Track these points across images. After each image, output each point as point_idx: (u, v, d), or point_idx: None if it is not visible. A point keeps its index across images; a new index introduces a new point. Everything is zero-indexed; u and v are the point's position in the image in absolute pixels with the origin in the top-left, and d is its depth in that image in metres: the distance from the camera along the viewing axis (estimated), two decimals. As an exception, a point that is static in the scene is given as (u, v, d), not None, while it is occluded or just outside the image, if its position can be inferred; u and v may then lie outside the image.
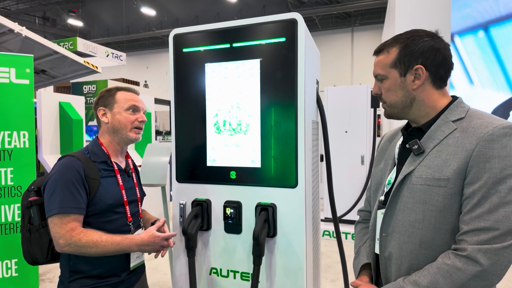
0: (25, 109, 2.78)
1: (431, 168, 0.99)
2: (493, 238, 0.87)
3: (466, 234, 0.91)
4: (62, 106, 3.91)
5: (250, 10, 15.44)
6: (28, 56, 2.84)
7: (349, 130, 4.65)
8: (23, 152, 2.77)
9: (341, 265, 1.86)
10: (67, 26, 18.25)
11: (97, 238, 1.24)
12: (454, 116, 1.02)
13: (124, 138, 1.41)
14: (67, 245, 1.22)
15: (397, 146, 1.17)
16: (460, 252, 0.91)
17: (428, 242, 0.99)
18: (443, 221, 0.97)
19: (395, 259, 1.06)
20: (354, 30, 16.31)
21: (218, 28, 1.49)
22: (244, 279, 1.48)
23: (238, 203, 1.48)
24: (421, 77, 1.04)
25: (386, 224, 1.09)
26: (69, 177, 1.25)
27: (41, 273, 3.48)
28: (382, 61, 1.09)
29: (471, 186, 0.92)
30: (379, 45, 1.13)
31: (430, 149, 1.01)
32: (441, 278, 0.91)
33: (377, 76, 1.11)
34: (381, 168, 1.22)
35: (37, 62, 4.44)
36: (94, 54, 8.02)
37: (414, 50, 1.03)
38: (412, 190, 1.02)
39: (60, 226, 1.22)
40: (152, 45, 19.93)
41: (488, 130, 0.93)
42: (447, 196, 0.95)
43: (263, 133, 1.43)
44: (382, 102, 1.14)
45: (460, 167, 0.94)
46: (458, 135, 0.98)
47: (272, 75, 1.41)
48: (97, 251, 1.24)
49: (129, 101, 1.41)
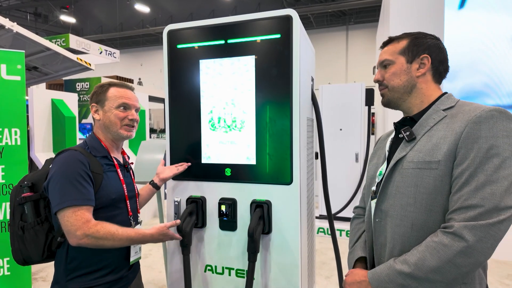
0: (16, 106, 2.74)
1: (422, 152, 1.03)
2: (479, 215, 0.89)
3: (454, 212, 0.94)
4: (55, 103, 3.86)
5: (245, 8, 15.39)
6: (19, 52, 2.79)
7: (343, 128, 4.67)
8: (15, 150, 2.73)
9: (335, 262, 1.87)
10: (60, 22, 18.02)
11: (114, 230, 1.23)
12: (445, 106, 1.08)
13: (116, 135, 1.39)
14: (85, 236, 1.19)
15: (389, 140, 1.22)
16: (448, 229, 0.93)
17: (419, 224, 1.02)
18: (434, 203, 0.99)
19: (388, 243, 1.09)
20: (348, 28, 16.36)
21: (212, 24, 1.48)
22: (239, 276, 1.48)
23: (233, 200, 1.48)
24: (425, 66, 1.11)
25: (378, 210, 1.12)
26: (76, 169, 1.23)
27: (34, 272, 3.44)
28: (391, 49, 1.15)
29: (460, 166, 0.95)
30: (390, 37, 1.19)
31: (421, 135, 1.06)
32: (428, 255, 0.94)
33: (384, 61, 1.15)
34: (374, 163, 1.26)
35: (28, 58, 4.38)
36: (87, 51, 7.93)
37: (423, 43, 1.12)
38: (404, 175, 1.05)
39: (76, 218, 1.19)
40: (146, 42, 19.78)
41: (476, 113, 0.97)
42: (438, 178, 0.98)
43: (258, 130, 1.43)
44: (383, 87, 1.17)
45: (450, 149, 0.97)
46: (448, 121, 1.03)
47: (267, 72, 1.41)
48: (113, 243, 1.23)
49: (119, 99, 1.38)
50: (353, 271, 1.15)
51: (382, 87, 1.17)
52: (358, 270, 1.14)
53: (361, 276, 1.09)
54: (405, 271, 0.96)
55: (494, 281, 3.30)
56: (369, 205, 1.20)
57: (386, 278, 0.99)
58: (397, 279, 0.97)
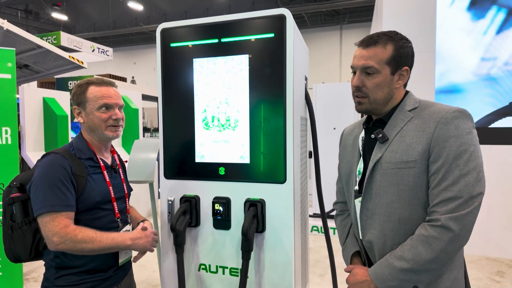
0: (7, 105, 2.71)
1: (398, 152, 1.11)
2: (460, 205, 1.00)
3: (437, 206, 1.03)
4: (46, 101, 3.81)
5: (239, 7, 15.35)
6: (9, 49, 2.75)
7: (337, 127, 4.69)
8: (6, 149, 2.70)
9: (329, 260, 1.88)
10: (51, 20, 17.77)
11: (93, 234, 1.22)
12: (409, 106, 1.16)
13: (102, 136, 1.36)
14: (62, 242, 1.18)
15: (360, 139, 1.26)
16: (434, 223, 1.03)
17: (406, 218, 1.10)
18: (415, 198, 1.09)
19: (378, 238, 1.14)
20: (342, 27, 16.43)
21: (206, 23, 1.47)
22: (233, 275, 1.49)
23: (227, 199, 1.48)
24: (404, 78, 1.16)
25: (365, 209, 1.18)
26: (56, 174, 1.22)
27: (26, 272, 3.41)
28: (379, 55, 1.11)
29: (435, 163, 1.05)
30: (372, 36, 1.14)
31: (393, 136, 1.13)
32: (422, 249, 1.03)
33: (369, 68, 1.11)
34: (348, 160, 1.31)
35: (19, 56, 4.31)
36: (78, 49, 7.84)
37: (406, 52, 1.14)
38: (384, 175, 1.12)
39: (53, 224, 1.19)
40: (139, 40, 19.62)
41: (443, 114, 1.07)
42: (416, 175, 1.08)
43: (252, 128, 1.43)
44: (362, 95, 1.15)
45: (424, 148, 1.07)
46: (416, 122, 1.11)
47: (261, 71, 1.41)
48: (93, 247, 1.22)
49: (100, 99, 1.33)
50: (353, 271, 1.19)
51: (361, 94, 1.15)
52: (358, 269, 1.18)
53: (362, 275, 1.14)
54: (405, 267, 1.04)
55: (485, 277, 3.35)
56: (352, 203, 1.25)
57: (389, 277, 1.07)
58: (399, 275, 1.05)
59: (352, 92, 1.19)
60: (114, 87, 1.41)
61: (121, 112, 1.40)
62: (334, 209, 1.47)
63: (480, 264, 3.66)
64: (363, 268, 1.18)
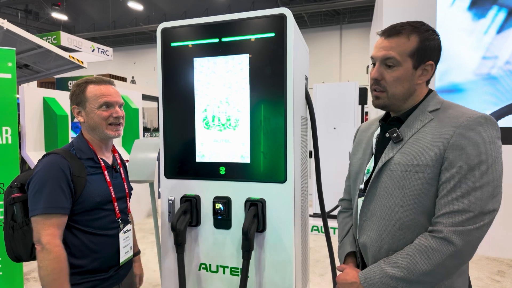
0: (7, 104, 2.71)
1: (410, 155, 1.03)
2: (467, 220, 0.92)
3: (442, 217, 0.96)
4: (47, 101, 3.81)
5: (239, 6, 15.35)
6: (10, 49, 2.75)
7: (337, 127, 4.69)
8: (6, 149, 2.69)
9: (329, 260, 1.88)
10: (51, 20, 17.77)
11: (57, 266, 1.16)
12: (431, 107, 1.06)
13: (103, 135, 1.36)
14: (43, 249, 1.17)
15: (375, 136, 1.19)
16: (436, 234, 0.96)
17: (406, 225, 1.04)
18: (420, 205, 1.01)
19: (374, 242, 1.10)
20: (342, 27, 16.43)
21: (207, 22, 1.47)
22: (234, 274, 1.49)
23: (227, 199, 1.48)
24: (428, 73, 1.06)
25: (366, 209, 1.13)
26: (53, 176, 1.21)
27: (26, 272, 3.41)
28: (402, 45, 1.02)
29: (448, 171, 0.96)
30: (395, 26, 1.05)
31: (408, 137, 1.05)
32: (419, 259, 0.96)
33: (389, 59, 1.03)
34: (359, 158, 1.25)
35: (19, 56, 4.31)
36: (78, 48, 7.85)
37: (431, 45, 1.03)
38: (392, 176, 1.05)
39: (43, 227, 1.18)
40: (139, 40, 19.63)
41: (464, 119, 0.98)
42: (425, 181, 1.00)
43: (253, 128, 1.43)
44: (380, 89, 1.07)
45: (438, 154, 0.98)
46: (434, 125, 1.02)
47: (261, 70, 1.41)
48: (46, 274, 1.16)
49: (100, 98, 1.33)
50: (345, 271, 1.16)
51: (379, 88, 1.08)
52: (349, 269, 1.15)
53: (352, 277, 1.10)
54: (398, 275, 0.98)
55: (485, 277, 3.35)
56: (356, 202, 1.21)
57: (379, 283, 1.02)
58: (390, 282, 1.00)
59: (370, 85, 1.10)
60: (113, 86, 1.41)
61: (122, 110, 1.40)
62: (339, 205, 1.44)
63: (480, 264, 3.66)
64: (355, 269, 1.15)
